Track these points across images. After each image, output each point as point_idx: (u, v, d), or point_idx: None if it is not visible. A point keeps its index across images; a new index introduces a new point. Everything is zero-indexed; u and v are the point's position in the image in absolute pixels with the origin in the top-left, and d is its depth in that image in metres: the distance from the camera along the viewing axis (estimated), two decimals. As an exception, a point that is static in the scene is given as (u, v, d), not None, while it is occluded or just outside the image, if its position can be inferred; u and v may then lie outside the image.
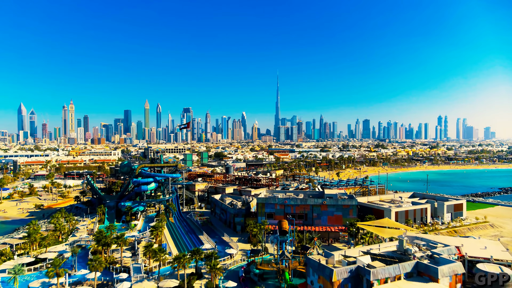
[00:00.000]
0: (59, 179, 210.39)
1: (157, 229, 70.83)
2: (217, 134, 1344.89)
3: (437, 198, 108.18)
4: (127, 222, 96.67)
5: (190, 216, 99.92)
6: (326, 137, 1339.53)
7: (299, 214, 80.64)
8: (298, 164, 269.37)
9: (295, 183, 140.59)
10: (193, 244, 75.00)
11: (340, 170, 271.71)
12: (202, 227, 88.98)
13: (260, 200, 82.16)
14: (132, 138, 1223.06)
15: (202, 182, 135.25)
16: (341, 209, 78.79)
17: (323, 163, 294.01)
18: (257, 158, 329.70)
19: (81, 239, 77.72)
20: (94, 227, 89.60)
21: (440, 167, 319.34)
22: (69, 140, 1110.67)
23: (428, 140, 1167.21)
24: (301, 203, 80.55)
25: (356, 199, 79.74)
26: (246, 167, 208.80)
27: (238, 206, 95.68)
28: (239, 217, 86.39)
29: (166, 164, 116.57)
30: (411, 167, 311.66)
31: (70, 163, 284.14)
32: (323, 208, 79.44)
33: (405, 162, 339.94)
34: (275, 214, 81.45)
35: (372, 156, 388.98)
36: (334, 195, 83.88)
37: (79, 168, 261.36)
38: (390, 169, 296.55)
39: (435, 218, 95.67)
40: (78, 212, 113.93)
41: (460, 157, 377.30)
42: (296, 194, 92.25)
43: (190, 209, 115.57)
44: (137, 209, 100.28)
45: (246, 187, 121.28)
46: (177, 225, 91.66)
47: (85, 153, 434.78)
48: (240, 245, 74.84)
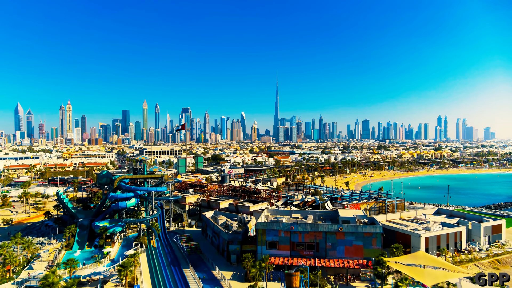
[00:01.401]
0: (42, 185, 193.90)
1: (126, 268, 54.66)
2: (216, 135, 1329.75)
3: (467, 216, 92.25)
4: (100, 247, 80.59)
5: (176, 240, 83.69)
6: (325, 138, 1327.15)
7: (309, 244, 64.56)
8: (300, 169, 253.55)
9: (299, 194, 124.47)
10: (175, 284, 58.90)
11: (344, 175, 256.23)
12: (189, 256, 72.82)
13: (260, 225, 66.03)
14: (130, 139, 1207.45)
15: (193, 194, 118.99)
16: (362, 238, 62.75)
17: (326, 167, 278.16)
18: (256, 162, 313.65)
19: (34, 277, 61.28)
20: (58, 254, 73.44)
21: (448, 171, 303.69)
22: (66, 140, 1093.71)
23: (428, 141, 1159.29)
24: (311, 229, 64.45)
25: (380, 226, 63.53)
26: (245, 173, 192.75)
27: (234, 227, 79.64)
28: (234, 245, 70.29)
29: (151, 175, 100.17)
30: (418, 171, 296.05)
31: (58, 167, 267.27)
32: (339, 236, 63.37)
33: (411, 165, 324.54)
34: (279, 244, 65.37)
35: (376, 159, 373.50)
36: (351, 219, 67.68)
37: (67, 173, 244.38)
38: (397, 173, 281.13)
39: (471, 243, 79.75)
40: (47, 231, 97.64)
41: (467, 160, 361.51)
42: (304, 215, 76.03)
43: (179, 227, 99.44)
44: (113, 230, 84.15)
45: (243, 201, 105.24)
46: (159, 253, 75.48)
47: (77, 155, 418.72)
48: (233, 284, 58.86)
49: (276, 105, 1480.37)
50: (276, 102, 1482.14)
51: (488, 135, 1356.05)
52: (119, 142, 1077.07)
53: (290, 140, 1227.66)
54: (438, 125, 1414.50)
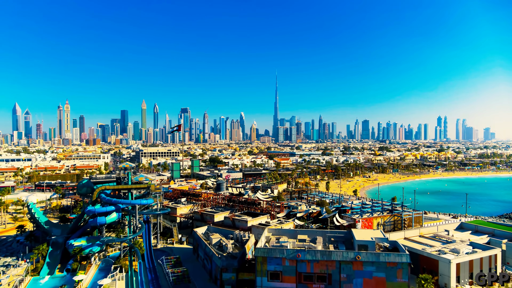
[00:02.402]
0: (28, 191, 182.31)
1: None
2: (215, 135, 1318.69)
3: (496, 232, 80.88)
4: (73, 271, 69.06)
5: (162, 262, 72.24)
6: (325, 138, 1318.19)
7: (320, 275, 53.12)
8: (301, 172, 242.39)
9: (302, 203, 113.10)
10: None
11: (348, 178, 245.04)
12: (175, 286, 61.41)
13: (260, 252, 54.58)
14: (129, 139, 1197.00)
15: (186, 204, 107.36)
16: (384, 269, 51.33)
17: (328, 170, 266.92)
18: (255, 165, 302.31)
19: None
20: (20, 285, 61.82)
21: (455, 174, 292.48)
22: (64, 141, 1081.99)
23: (428, 141, 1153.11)
24: (322, 258, 52.98)
25: (407, 254, 52.04)
26: (243, 177, 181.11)
27: (229, 248, 68.30)
28: (228, 273, 58.88)
29: (136, 185, 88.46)
30: (423, 174, 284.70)
31: (48, 170, 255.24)
32: (357, 266, 51.96)
33: (415, 168, 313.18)
34: (283, 274, 53.92)
35: (379, 161, 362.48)
36: (369, 243, 56.21)
37: (56, 177, 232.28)
38: (402, 177, 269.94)
39: (506, 267, 68.40)
40: (18, 248, 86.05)
41: (473, 162, 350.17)
42: (311, 236, 64.45)
43: (168, 244, 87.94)
44: (90, 251, 72.68)
45: (241, 213, 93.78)
46: (141, 280, 63.97)
47: (71, 157, 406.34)
48: (228, 328, 47.48)
49: (275, 105, 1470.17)
50: (275, 102, 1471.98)
51: (488, 136, 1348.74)
52: (117, 143, 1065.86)
53: (289, 141, 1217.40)
54: (438, 125, 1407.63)
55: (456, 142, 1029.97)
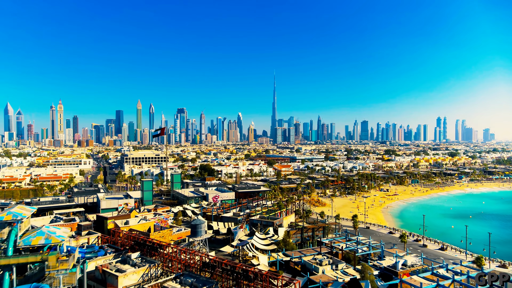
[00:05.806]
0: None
1: None
2: (212, 136, 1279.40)
3: None
4: None
5: None
6: (324, 139, 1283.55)
7: None
8: (307, 185, 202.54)
9: (324, 258, 73.04)
10: None
11: (363, 193, 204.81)
12: None
13: None
14: (123, 140, 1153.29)
15: (137, 266, 66.20)
16: None
17: (337, 181, 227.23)
18: (252, 174, 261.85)
19: None
20: None
21: (483, 185, 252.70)
22: (55, 142, 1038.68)
23: (428, 142, 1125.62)
24: None
25: None
26: (236, 198, 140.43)
27: None
28: None
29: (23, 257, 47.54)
30: (448, 186, 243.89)
31: (4, 182, 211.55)
32: None
33: (435, 177, 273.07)
34: None
35: (390, 168, 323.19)
36: None
37: (13, 192, 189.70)
38: (424, 189, 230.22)
39: None
40: None
41: (499, 170, 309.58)
42: None
43: None
44: None
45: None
46: None
47: (49, 162, 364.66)
48: None
49: (273, 106, 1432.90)
50: (273, 103, 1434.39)
51: (487, 136, 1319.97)
52: (111, 144, 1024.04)
53: (288, 142, 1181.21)
54: (437, 126, 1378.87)
55: (456, 143, 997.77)
